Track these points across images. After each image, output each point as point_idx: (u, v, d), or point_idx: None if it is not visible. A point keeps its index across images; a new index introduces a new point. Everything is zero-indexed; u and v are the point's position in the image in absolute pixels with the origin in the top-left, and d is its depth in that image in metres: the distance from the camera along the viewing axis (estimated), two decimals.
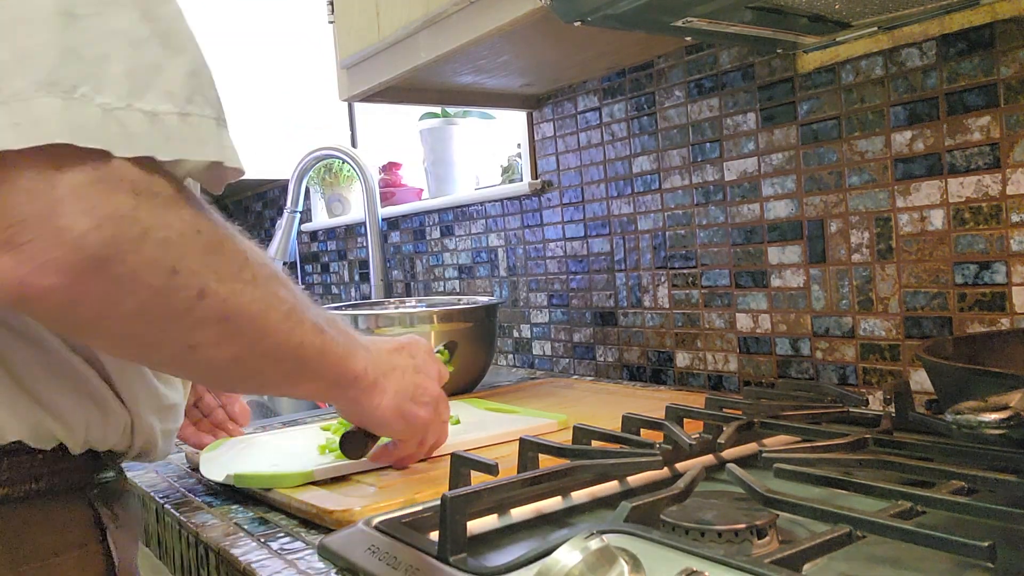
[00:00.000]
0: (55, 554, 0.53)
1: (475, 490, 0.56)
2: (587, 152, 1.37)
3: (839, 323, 1.00)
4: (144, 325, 0.43)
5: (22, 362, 0.51)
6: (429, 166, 1.89)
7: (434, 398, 0.70)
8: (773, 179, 1.06)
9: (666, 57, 1.20)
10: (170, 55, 0.44)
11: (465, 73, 1.24)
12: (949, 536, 0.44)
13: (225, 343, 0.47)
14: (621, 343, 1.33)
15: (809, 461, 0.61)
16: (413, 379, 0.67)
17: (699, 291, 1.18)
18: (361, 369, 0.60)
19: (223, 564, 0.65)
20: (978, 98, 0.85)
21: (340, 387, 0.61)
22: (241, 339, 0.48)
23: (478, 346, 1.22)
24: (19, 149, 0.38)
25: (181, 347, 0.46)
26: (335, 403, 0.65)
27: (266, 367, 0.52)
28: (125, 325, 0.43)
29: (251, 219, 2.82)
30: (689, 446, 0.70)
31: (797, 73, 1.02)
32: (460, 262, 1.74)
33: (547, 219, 1.47)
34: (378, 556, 0.55)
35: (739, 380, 1.13)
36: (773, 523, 0.52)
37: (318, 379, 0.58)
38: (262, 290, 0.48)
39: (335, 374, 0.59)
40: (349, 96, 1.31)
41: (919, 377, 0.91)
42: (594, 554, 0.41)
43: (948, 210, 0.88)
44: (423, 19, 1.06)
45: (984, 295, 0.86)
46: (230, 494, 0.81)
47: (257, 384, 0.55)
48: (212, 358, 0.47)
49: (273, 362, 0.51)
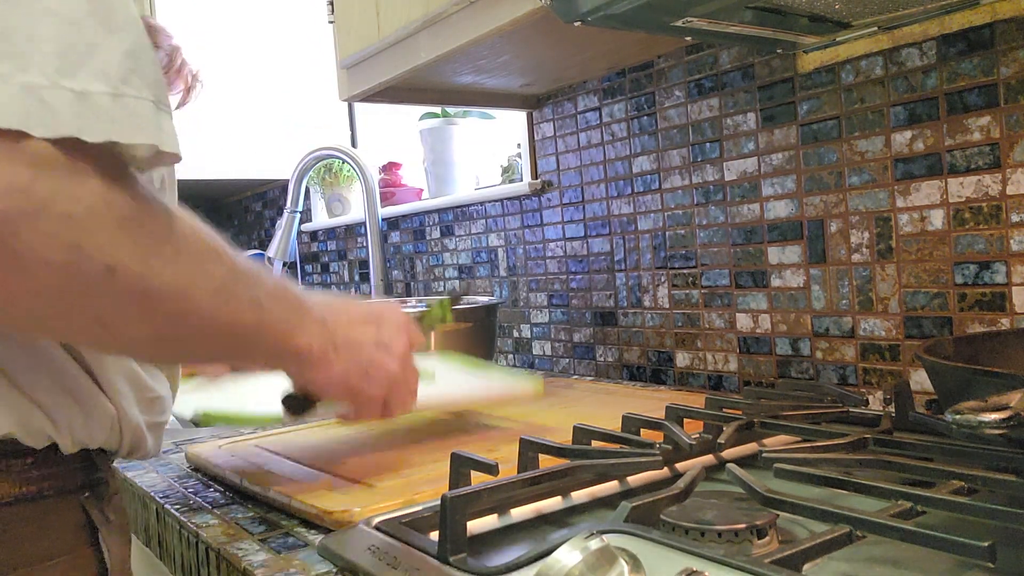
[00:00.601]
0: (47, 558, 0.53)
1: (475, 490, 0.56)
2: (587, 152, 1.37)
3: (839, 323, 1.00)
4: (48, 302, 0.41)
5: (6, 355, 0.50)
6: (429, 166, 1.89)
7: (389, 375, 0.66)
8: (773, 179, 1.06)
9: (666, 57, 1.20)
10: (106, 34, 0.42)
11: (465, 73, 1.24)
12: (949, 536, 0.44)
13: (142, 321, 0.44)
14: (621, 343, 1.33)
15: (809, 461, 0.61)
16: (370, 355, 0.64)
17: (699, 291, 1.18)
18: (305, 345, 0.57)
19: (223, 564, 0.65)
20: (978, 98, 0.85)
21: (282, 360, 0.58)
22: (159, 317, 0.45)
23: (478, 346, 1.22)
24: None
25: (91, 324, 0.43)
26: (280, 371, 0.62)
27: (194, 345, 0.50)
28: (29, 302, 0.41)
29: (251, 219, 2.82)
30: (689, 446, 0.70)
31: (797, 73, 1.02)
32: (460, 262, 1.74)
33: (547, 219, 1.47)
34: (378, 556, 0.55)
35: (739, 380, 1.13)
36: (773, 523, 0.52)
37: (256, 355, 0.56)
38: (186, 266, 0.45)
39: (276, 350, 0.55)
40: (349, 96, 1.31)
41: (919, 377, 0.91)
42: (594, 554, 0.41)
43: (948, 210, 0.88)
44: (423, 19, 1.06)
45: (984, 295, 0.86)
46: (230, 494, 0.81)
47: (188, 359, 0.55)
48: (131, 336, 0.45)
49: (202, 339, 0.49)
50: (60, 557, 0.53)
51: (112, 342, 0.46)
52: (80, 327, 0.44)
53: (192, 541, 0.71)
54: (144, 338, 0.46)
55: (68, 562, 0.54)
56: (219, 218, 3.05)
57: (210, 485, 0.85)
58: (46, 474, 0.53)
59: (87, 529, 0.56)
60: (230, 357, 0.56)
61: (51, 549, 0.53)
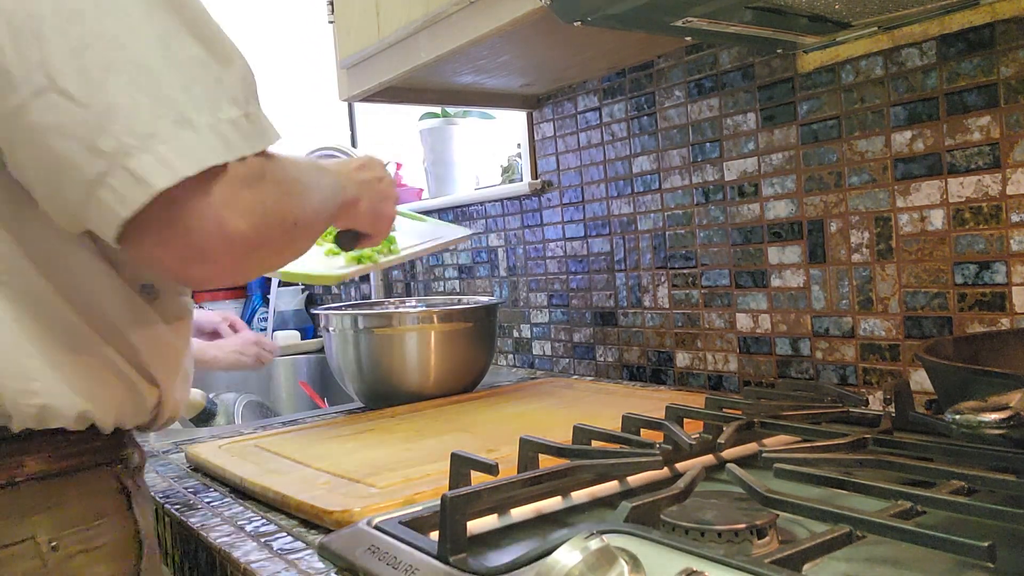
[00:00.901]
0: (93, 519, 0.61)
1: (475, 490, 0.56)
2: (587, 152, 1.37)
3: (839, 323, 1.00)
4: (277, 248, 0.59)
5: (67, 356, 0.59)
6: (429, 166, 1.89)
7: (392, 196, 0.86)
8: (773, 179, 1.06)
9: (666, 57, 1.20)
10: (225, 67, 0.53)
11: (465, 73, 1.24)
12: (949, 536, 0.44)
13: (302, 238, 0.63)
14: (621, 343, 1.33)
15: (809, 461, 0.61)
16: (375, 188, 0.83)
17: (699, 291, 1.18)
18: (352, 197, 0.77)
19: (223, 564, 0.65)
20: (978, 98, 0.85)
21: (341, 211, 0.76)
22: (315, 229, 0.65)
23: (478, 346, 1.22)
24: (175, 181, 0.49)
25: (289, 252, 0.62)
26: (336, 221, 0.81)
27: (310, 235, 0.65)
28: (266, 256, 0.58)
29: None
30: (689, 446, 0.70)
31: (797, 73, 1.02)
32: (460, 262, 1.74)
33: (547, 219, 1.47)
34: (378, 556, 0.55)
35: (739, 380, 1.13)
36: (773, 523, 0.52)
37: (333, 212, 0.73)
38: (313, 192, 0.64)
39: (340, 209, 0.75)
40: (349, 96, 1.31)
41: (919, 377, 0.91)
42: (594, 554, 0.41)
43: (948, 210, 0.88)
44: (423, 19, 1.06)
45: (984, 295, 0.86)
46: (230, 494, 0.81)
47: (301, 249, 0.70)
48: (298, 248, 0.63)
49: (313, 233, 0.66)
50: (103, 519, 0.62)
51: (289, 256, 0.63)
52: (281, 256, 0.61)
53: (192, 541, 0.71)
54: (299, 246, 0.63)
55: (109, 523, 0.62)
56: None
57: (210, 485, 0.85)
58: (84, 449, 0.61)
59: (122, 495, 0.64)
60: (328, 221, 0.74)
61: (96, 511, 0.61)
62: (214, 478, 0.87)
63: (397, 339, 1.16)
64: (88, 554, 0.60)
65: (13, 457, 0.57)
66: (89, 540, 0.60)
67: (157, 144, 0.48)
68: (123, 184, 0.48)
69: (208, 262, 0.53)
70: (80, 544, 0.60)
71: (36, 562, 0.57)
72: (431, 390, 1.18)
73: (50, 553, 0.58)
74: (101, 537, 0.61)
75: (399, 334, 1.16)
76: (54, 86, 0.48)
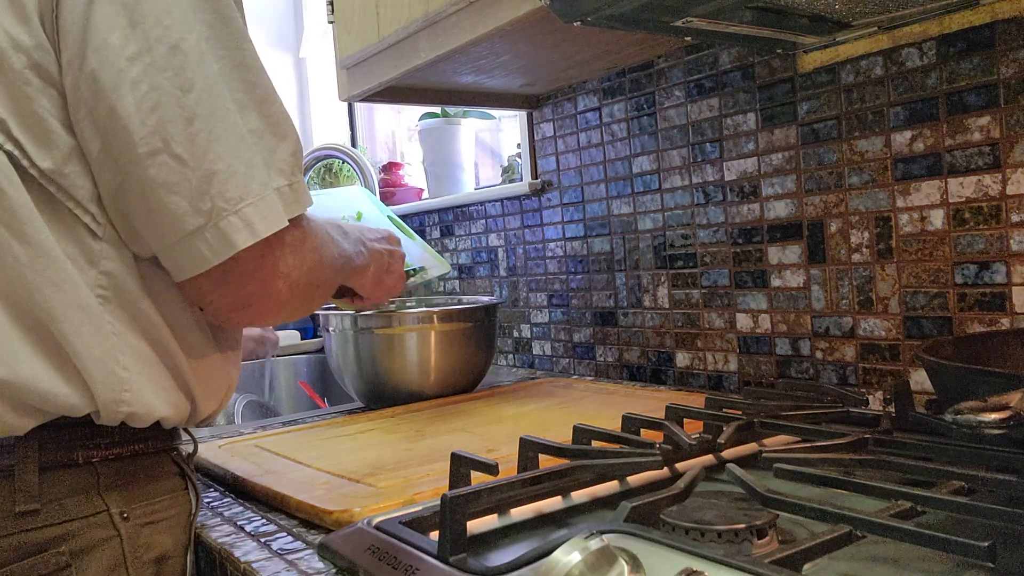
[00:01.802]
0: (159, 496, 0.69)
1: (475, 490, 0.56)
2: (587, 152, 1.37)
3: (839, 323, 1.00)
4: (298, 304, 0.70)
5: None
6: (429, 166, 1.89)
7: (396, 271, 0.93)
8: (773, 179, 1.06)
9: (666, 57, 1.20)
10: (279, 140, 0.64)
11: (465, 73, 1.24)
12: (949, 536, 0.44)
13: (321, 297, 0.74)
14: (621, 343, 1.33)
15: (809, 461, 0.61)
16: (384, 259, 0.90)
17: (699, 291, 1.18)
18: (362, 264, 0.84)
19: (223, 564, 0.65)
20: (978, 98, 0.85)
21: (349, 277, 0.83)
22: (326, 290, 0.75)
23: (478, 346, 1.22)
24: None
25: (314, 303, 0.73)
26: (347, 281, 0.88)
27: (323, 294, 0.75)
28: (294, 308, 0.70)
29: None
30: (689, 446, 0.70)
31: (797, 73, 1.02)
32: (460, 262, 1.74)
33: (547, 219, 1.47)
34: (378, 556, 0.55)
35: (739, 380, 1.13)
36: (773, 523, 0.52)
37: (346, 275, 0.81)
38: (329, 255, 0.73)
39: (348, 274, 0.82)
40: (349, 96, 1.31)
41: (919, 377, 0.91)
42: (594, 554, 0.41)
43: (948, 210, 0.88)
44: (423, 19, 1.06)
45: (984, 295, 0.86)
46: (230, 494, 0.81)
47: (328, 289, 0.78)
48: (317, 303, 0.74)
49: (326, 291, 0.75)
50: (167, 495, 0.70)
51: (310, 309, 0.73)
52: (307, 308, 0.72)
53: (192, 541, 0.71)
54: (317, 302, 0.73)
55: (171, 499, 0.70)
56: None
57: (210, 485, 0.85)
58: (148, 435, 0.69)
59: (180, 477, 0.72)
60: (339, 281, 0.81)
61: (161, 489, 0.70)
62: (214, 478, 0.87)
63: (397, 339, 1.16)
64: (154, 525, 0.68)
65: (91, 439, 0.65)
66: (155, 513, 0.68)
67: (245, 207, 0.60)
68: (215, 239, 0.60)
69: (247, 310, 0.65)
70: (147, 516, 0.67)
71: (110, 530, 0.65)
72: (431, 390, 1.18)
73: (123, 523, 0.65)
74: (165, 511, 0.69)
75: (399, 334, 1.17)
76: (168, 149, 0.58)
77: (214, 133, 0.59)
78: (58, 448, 0.63)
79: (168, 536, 0.69)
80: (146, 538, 0.67)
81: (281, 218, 0.62)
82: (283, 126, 0.64)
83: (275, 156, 0.63)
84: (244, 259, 0.61)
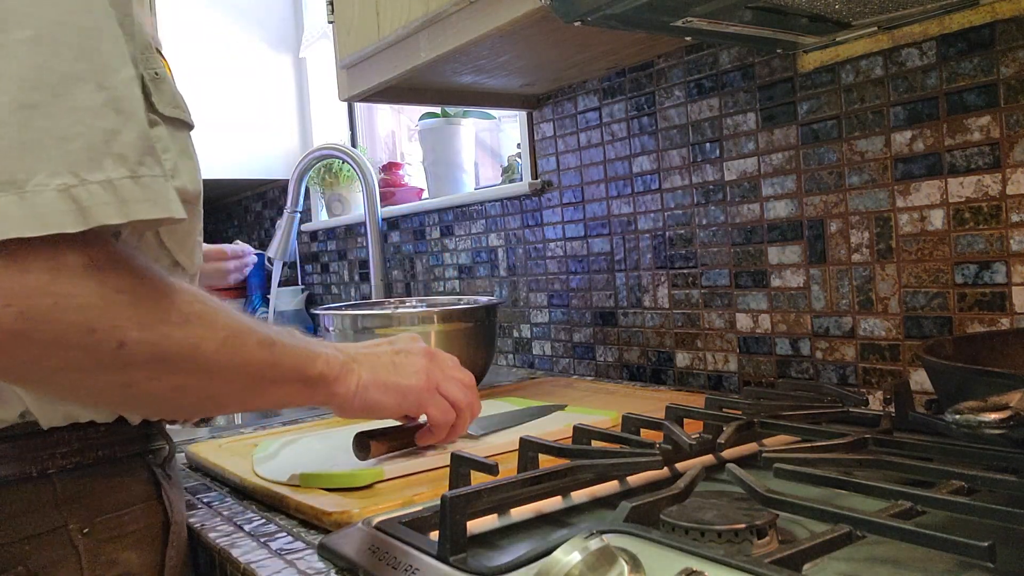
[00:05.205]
0: (125, 507, 0.63)
1: (475, 490, 0.56)
2: (587, 152, 1.37)
3: (839, 323, 1.00)
4: (74, 375, 0.50)
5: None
6: (429, 166, 1.89)
7: (421, 368, 0.73)
8: (773, 179, 1.06)
9: (666, 57, 1.20)
10: (124, 120, 0.49)
11: (465, 73, 1.24)
12: (949, 536, 0.44)
13: (161, 377, 0.53)
14: (621, 343, 1.33)
15: (809, 461, 0.61)
16: (392, 359, 0.72)
17: (699, 291, 1.18)
18: (323, 365, 0.65)
19: (223, 564, 0.65)
20: (978, 98, 0.85)
21: (310, 386, 0.65)
22: (177, 372, 0.53)
23: (478, 346, 1.22)
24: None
25: (117, 387, 0.52)
26: (319, 404, 0.68)
27: (217, 389, 0.57)
28: (57, 377, 0.49)
29: (251, 219, 2.82)
30: (689, 446, 0.70)
31: (797, 73, 1.02)
32: (460, 262, 1.74)
33: (547, 219, 1.47)
34: (378, 556, 0.55)
35: (739, 380, 1.13)
36: (773, 523, 0.52)
37: (281, 385, 0.62)
38: (192, 327, 0.53)
39: (297, 377, 0.63)
40: (349, 96, 1.31)
41: (919, 377, 0.91)
42: (594, 554, 0.41)
43: (948, 210, 0.88)
44: (423, 19, 1.06)
45: (984, 295, 0.86)
46: (230, 494, 0.81)
47: (218, 404, 0.61)
48: (152, 390, 0.53)
49: (221, 383, 0.57)
50: (134, 506, 0.64)
51: (142, 401, 0.55)
52: (108, 392, 0.53)
53: (192, 541, 0.71)
54: (165, 390, 0.53)
55: (141, 510, 0.64)
56: (219, 218, 3.05)
57: (210, 485, 0.85)
58: (114, 440, 0.63)
59: (152, 484, 0.66)
60: (255, 396, 0.61)
61: (127, 499, 0.64)
62: (214, 478, 0.87)
63: None
64: (119, 540, 0.63)
65: (45, 450, 0.60)
66: (120, 527, 0.63)
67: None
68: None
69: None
70: (111, 530, 0.62)
71: (68, 548, 0.59)
72: None
73: (82, 539, 0.60)
74: (131, 524, 0.64)
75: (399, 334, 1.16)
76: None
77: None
78: (9, 461, 0.59)
79: (134, 552, 0.64)
80: (109, 555, 0.62)
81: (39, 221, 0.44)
82: (130, 102, 0.50)
83: (114, 140, 0.48)
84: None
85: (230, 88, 2.28)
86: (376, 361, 0.70)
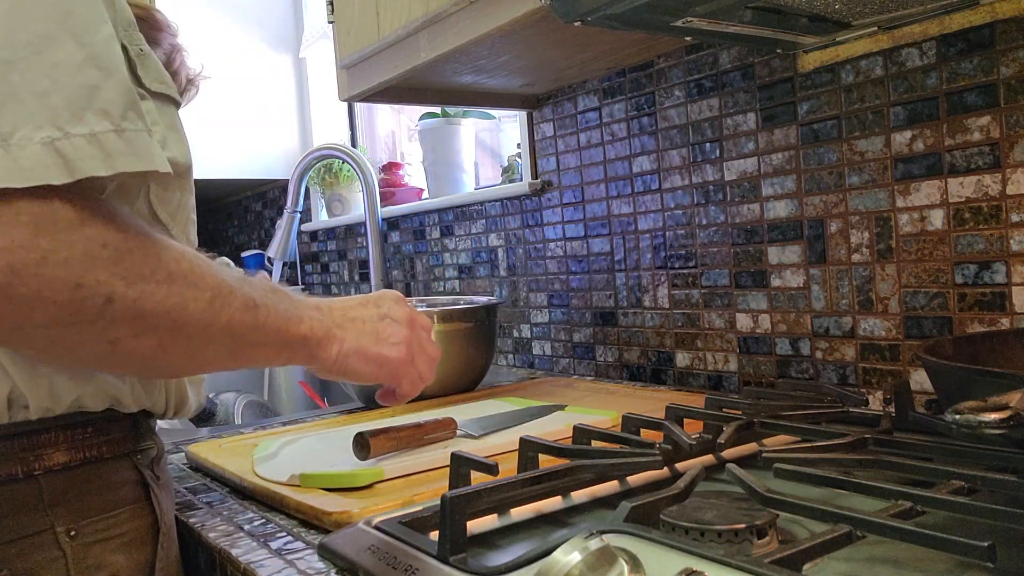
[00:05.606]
0: (111, 509, 0.63)
1: (475, 490, 0.56)
2: (587, 152, 1.37)
3: (839, 323, 1.00)
4: (59, 331, 0.48)
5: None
6: (429, 166, 1.89)
7: (403, 339, 0.71)
8: (773, 179, 1.06)
9: (666, 57, 1.20)
10: (105, 76, 0.49)
11: (465, 73, 1.24)
12: (949, 536, 0.44)
13: (145, 335, 0.51)
14: (621, 343, 1.33)
15: (809, 461, 0.61)
16: (376, 326, 0.69)
17: (699, 291, 1.18)
18: (307, 328, 0.63)
19: (223, 564, 0.65)
20: (978, 98, 0.85)
21: (291, 349, 0.63)
22: (161, 331, 0.52)
23: (478, 346, 1.22)
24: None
25: (101, 344, 0.50)
26: (300, 364, 0.66)
27: (198, 348, 0.55)
28: (41, 333, 0.48)
29: (251, 219, 2.82)
30: (689, 446, 0.70)
31: (797, 73, 1.02)
32: (460, 262, 1.74)
33: (547, 219, 1.47)
34: (378, 556, 0.55)
35: (739, 380, 1.13)
36: (773, 523, 0.52)
37: (263, 347, 0.60)
38: (178, 285, 0.52)
39: (280, 340, 0.61)
40: (349, 96, 1.31)
41: (919, 377, 0.91)
42: (594, 554, 0.41)
43: (948, 210, 0.88)
44: (423, 19, 1.06)
45: (984, 295, 0.86)
46: (230, 494, 0.81)
47: (199, 363, 0.59)
48: (135, 348, 0.51)
49: (204, 343, 0.55)
50: (121, 509, 0.63)
51: (125, 359, 0.53)
52: (92, 350, 0.51)
53: (191, 541, 0.71)
54: (149, 349, 0.52)
55: (128, 512, 0.64)
56: (219, 218, 3.05)
57: (210, 485, 0.85)
58: (103, 440, 0.62)
59: (141, 486, 0.65)
60: (237, 357, 0.59)
61: (114, 502, 0.63)
62: (214, 478, 0.87)
63: None
64: (106, 543, 0.62)
65: (32, 450, 0.59)
66: (107, 529, 0.62)
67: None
68: None
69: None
70: (98, 533, 0.61)
71: (55, 551, 0.59)
72: (431, 390, 1.18)
73: (68, 542, 0.59)
74: (119, 526, 0.63)
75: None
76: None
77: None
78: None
79: (122, 554, 0.63)
80: (96, 557, 0.61)
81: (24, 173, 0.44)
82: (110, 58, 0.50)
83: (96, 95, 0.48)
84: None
85: (230, 88, 2.28)
86: (360, 328, 0.68)
